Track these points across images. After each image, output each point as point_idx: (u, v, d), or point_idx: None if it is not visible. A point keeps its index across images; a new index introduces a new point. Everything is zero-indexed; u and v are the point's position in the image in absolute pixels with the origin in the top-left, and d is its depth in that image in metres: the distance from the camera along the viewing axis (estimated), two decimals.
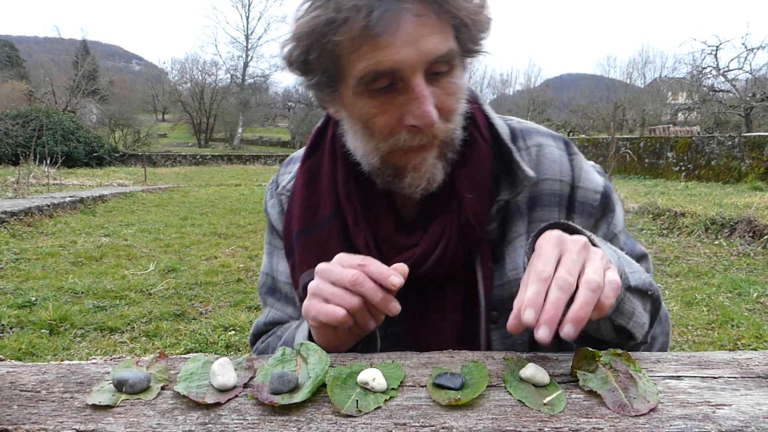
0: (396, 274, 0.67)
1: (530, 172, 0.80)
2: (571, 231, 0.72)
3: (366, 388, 0.57)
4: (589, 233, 0.71)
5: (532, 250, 0.70)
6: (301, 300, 0.87)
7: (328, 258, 0.81)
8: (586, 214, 0.87)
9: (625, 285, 0.69)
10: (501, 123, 0.87)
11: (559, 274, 0.60)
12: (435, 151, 0.76)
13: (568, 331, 0.56)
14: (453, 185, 0.80)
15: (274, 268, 0.98)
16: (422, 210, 0.83)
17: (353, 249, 0.83)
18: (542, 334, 0.56)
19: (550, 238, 0.65)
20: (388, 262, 0.79)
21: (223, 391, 0.57)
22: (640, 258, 0.92)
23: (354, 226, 0.83)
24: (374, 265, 0.68)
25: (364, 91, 0.71)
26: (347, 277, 0.67)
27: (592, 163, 0.95)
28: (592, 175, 0.89)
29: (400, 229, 0.83)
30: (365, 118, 0.74)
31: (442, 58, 0.69)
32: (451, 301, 0.83)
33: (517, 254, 0.83)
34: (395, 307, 0.67)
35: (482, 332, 0.82)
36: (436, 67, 0.70)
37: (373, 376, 0.57)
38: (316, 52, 0.69)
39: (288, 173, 0.97)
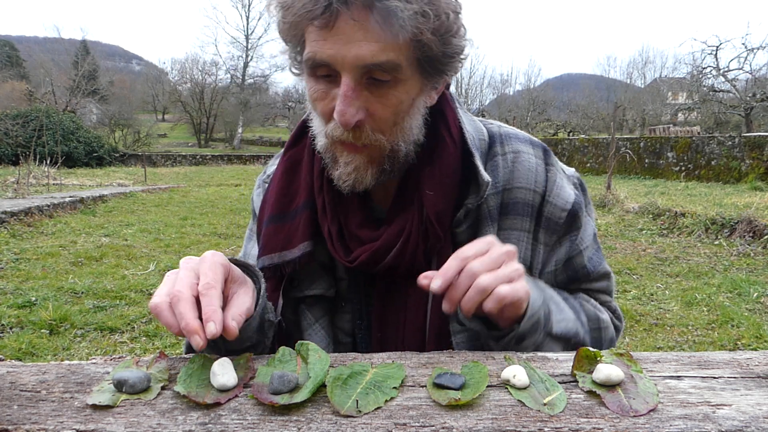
0: (200, 334, 0.60)
1: (486, 177, 0.80)
2: None
3: (510, 384, 0.57)
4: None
5: None
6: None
7: (292, 245, 0.86)
8: (551, 230, 0.88)
9: (547, 331, 0.77)
10: (474, 127, 0.88)
11: (479, 264, 0.68)
12: (365, 155, 0.77)
13: (445, 308, 0.68)
14: (418, 182, 0.82)
15: (248, 252, 1.00)
16: (393, 206, 0.85)
17: (320, 239, 0.86)
18: (435, 285, 0.66)
19: (485, 237, 0.73)
20: (351, 254, 0.83)
21: (223, 391, 0.57)
22: (601, 277, 0.94)
23: (321, 216, 0.86)
24: (206, 299, 0.63)
25: (311, 74, 0.76)
26: (174, 293, 0.64)
27: (572, 171, 0.95)
28: (564, 190, 0.89)
29: (368, 223, 0.85)
30: (312, 99, 0.78)
31: (378, 67, 0.71)
32: (414, 299, 0.84)
33: None
34: (197, 342, 0.60)
35: (427, 331, 0.84)
36: (375, 74, 0.72)
37: (514, 372, 0.58)
38: (282, 24, 0.74)
39: (274, 165, 1.00)
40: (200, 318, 0.62)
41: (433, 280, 0.67)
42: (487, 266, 0.68)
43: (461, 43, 0.75)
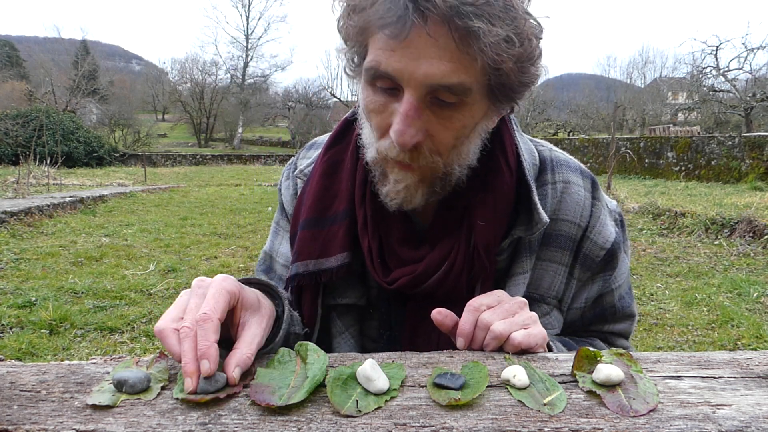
0: (194, 379, 0.56)
1: (545, 218, 0.78)
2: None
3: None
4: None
5: None
6: (291, 290, 0.88)
7: (329, 254, 0.82)
8: (586, 267, 0.86)
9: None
10: (529, 154, 0.85)
11: (491, 315, 0.71)
12: (417, 175, 0.73)
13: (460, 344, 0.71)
14: (468, 209, 0.79)
15: (275, 248, 0.97)
16: (434, 223, 0.81)
17: (358, 252, 0.83)
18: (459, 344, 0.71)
19: (495, 291, 0.76)
20: (390, 273, 0.80)
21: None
22: (626, 318, 0.94)
23: (362, 229, 0.81)
24: (201, 331, 0.59)
25: (370, 84, 0.70)
26: (183, 326, 0.61)
27: (614, 205, 0.92)
28: (606, 228, 0.86)
29: (408, 239, 0.81)
30: (367, 110, 0.73)
31: (446, 89, 0.65)
32: None
33: (517, 289, 0.82)
34: (187, 385, 0.56)
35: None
36: (441, 94, 0.66)
37: (514, 372, 0.58)
38: (344, 21, 0.70)
39: (308, 158, 0.95)
40: None
41: (456, 339, 0.71)
42: (500, 315, 0.70)
43: (538, 72, 0.70)
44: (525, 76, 0.68)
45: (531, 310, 0.82)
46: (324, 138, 0.96)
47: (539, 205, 0.78)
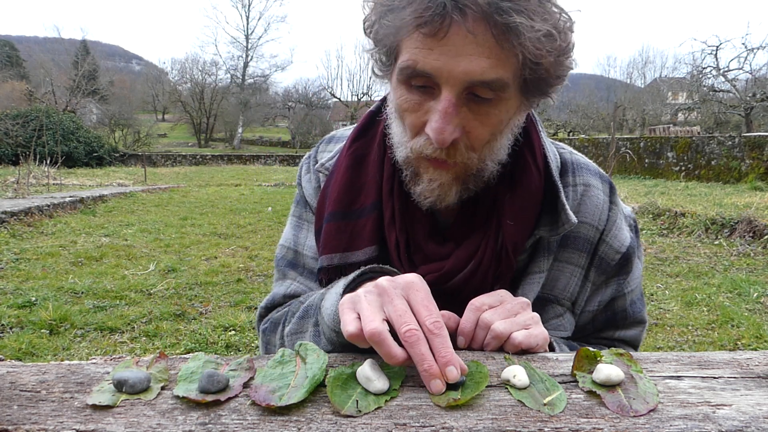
0: (442, 380, 0.56)
1: (573, 218, 0.78)
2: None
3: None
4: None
5: None
6: (319, 282, 0.87)
7: (357, 247, 0.82)
8: (601, 270, 0.87)
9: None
10: (553, 155, 0.85)
11: (493, 314, 0.71)
12: (452, 173, 0.73)
13: (459, 342, 0.72)
14: (496, 207, 0.79)
15: (301, 242, 0.96)
16: (459, 220, 0.81)
17: (384, 247, 0.83)
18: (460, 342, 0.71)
19: (498, 291, 0.76)
20: (416, 269, 0.79)
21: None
22: (636, 324, 0.94)
23: (389, 223, 0.81)
24: (441, 339, 0.59)
25: (404, 83, 0.70)
26: (404, 327, 0.59)
27: (629, 211, 0.93)
28: (622, 232, 0.87)
29: (433, 235, 0.81)
30: (400, 109, 0.73)
31: (485, 85, 0.66)
32: None
33: (531, 288, 0.82)
34: (438, 387, 0.56)
35: None
36: (478, 90, 0.67)
37: (514, 372, 0.58)
38: (377, 26, 0.70)
39: (329, 152, 0.95)
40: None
41: (457, 338, 0.71)
42: (501, 315, 0.70)
43: (571, 65, 0.70)
44: (560, 70, 0.69)
45: (545, 311, 0.82)
46: (343, 132, 0.96)
47: (567, 206, 0.79)
